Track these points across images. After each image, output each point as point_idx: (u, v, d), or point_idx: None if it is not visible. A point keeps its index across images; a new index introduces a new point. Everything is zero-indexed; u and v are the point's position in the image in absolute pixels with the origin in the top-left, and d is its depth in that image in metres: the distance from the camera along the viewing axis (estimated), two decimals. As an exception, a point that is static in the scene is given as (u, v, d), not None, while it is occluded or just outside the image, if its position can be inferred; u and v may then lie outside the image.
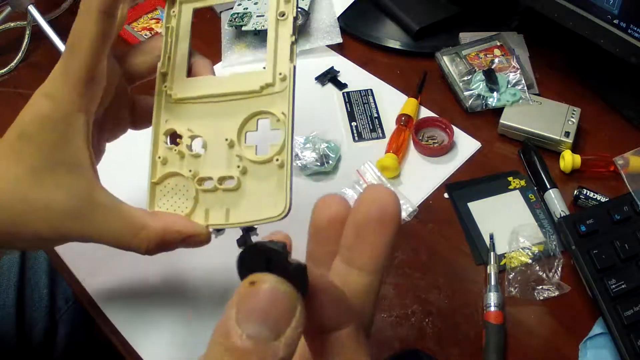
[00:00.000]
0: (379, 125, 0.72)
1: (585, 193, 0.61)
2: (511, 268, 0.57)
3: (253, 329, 0.19)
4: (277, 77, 0.35)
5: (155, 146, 0.39)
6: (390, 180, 0.66)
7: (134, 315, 0.58)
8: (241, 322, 0.19)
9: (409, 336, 0.55)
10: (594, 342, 0.53)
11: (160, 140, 0.39)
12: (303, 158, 0.67)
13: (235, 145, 0.36)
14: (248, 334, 0.19)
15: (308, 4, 0.81)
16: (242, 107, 0.36)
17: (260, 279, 0.20)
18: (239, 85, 0.36)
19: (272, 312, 0.19)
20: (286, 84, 0.35)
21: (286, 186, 0.33)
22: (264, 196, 0.36)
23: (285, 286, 0.20)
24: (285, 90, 0.34)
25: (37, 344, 0.64)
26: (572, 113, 0.68)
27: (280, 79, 0.35)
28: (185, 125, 0.38)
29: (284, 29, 0.35)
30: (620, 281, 0.51)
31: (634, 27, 0.61)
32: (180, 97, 0.39)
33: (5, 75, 0.84)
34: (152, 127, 0.39)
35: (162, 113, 0.39)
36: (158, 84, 0.40)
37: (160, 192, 0.39)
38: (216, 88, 0.38)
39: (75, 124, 0.36)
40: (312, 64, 0.80)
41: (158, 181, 0.39)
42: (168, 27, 0.40)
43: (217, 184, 0.37)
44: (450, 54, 0.75)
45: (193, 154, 0.38)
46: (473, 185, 0.65)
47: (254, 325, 0.19)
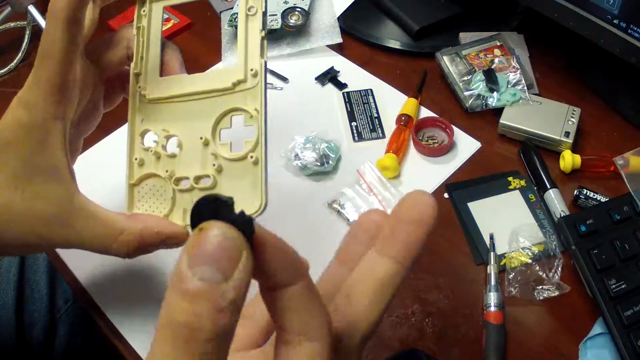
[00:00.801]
0: (379, 125, 0.72)
1: (585, 193, 0.61)
2: (511, 268, 0.57)
3: (203, 272, 0.20)
4: (248, 73, 0.35)
5: (131, 148, 0.39)
6: (390, 180, 0.66)
7: (134, 315, 0.57)
8: (192, 266, 0.20)
9: (409, 336, 0.55)
10: (594, 342, 0.53)
11: (136, 142, 0.39)
12: (303, 158, 0.67)
13: (210, 143, 0.37)
14: (199, 277, 0.20)
15: (308, 4, 0.81)
16: (215, 104, 0.36)
17: (208, 226, 0.21)
18: (212, 83, 0.36)
19: (220, 256, 0.20)
20: (258, 80, 0.34)
21: (261, 183, 0.33)
22: (240, 194, 0.36)
23: (231, 231, 0.21)
24: (257, 86, 0.34)
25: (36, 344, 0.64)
26: (572, 113, 0.68)
27: (252, 75, 0.35)
28: (160, 126, 0.38)
29: (253, 24, 0.35)
30: (620, 281, 0.51)
31: (634, 27, 0.61)
32: (155, 97, 0.38)
33: (5, 75, 0.84)
34: (128, 128, 0.39)
35: (137, 114, 0.39)
36: (132, 85, 0.40)
37: (139, 193, 0.39)
38: (190, 87, 0.37)
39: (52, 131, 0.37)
40: (312, 64, 0.80)
41: (136, 182, 0.39)
42: (139, 27, 0.40)
43: (193, 183, 0.38)
44: (450, 54, 0.75)
45: (169, 154, 0.38)
46: (473, 185, 0.65)
47: (204, 268, 0.20)
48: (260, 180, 0.33)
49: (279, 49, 0.81)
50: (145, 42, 0.39)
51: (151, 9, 0.40)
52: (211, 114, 0.36)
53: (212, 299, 0.20)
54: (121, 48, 0.41)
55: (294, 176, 0.67)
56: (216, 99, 0.36)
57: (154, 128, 0.38)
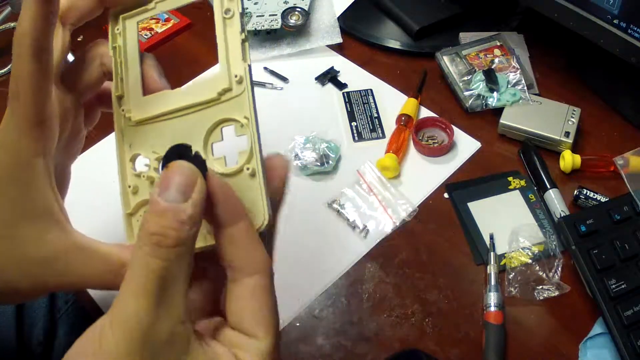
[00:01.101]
0: (379, 125, 0.72)
1: (585, 193, 0.61)
2: (511, 268, 0.57)
3: (168, 195, 0.27)
4: (233, 80, 0.33)
5: (123, 175, 0.36)
6: (390, 180, 0.66)
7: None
8: (160, 193, 0.27)
9: (409, 336, 0.55)
10: (594, 342, 0.53)
11: (127, 168, 0.36)
12: (303, 158, 0.67)
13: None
14: (165, 199, 0.27)
15: (308, 4, 0.81)
16: (203, 118, 0.33)
17: (172, 164, 0.28)
18: (197, 96, 0.34)
19: (180, 181, 0.28)
20: (244, 86, 0.33)
21: (261, 196, 0.31)
22: None
23: (188, 163, 0.28)
24: (244, 93, 0.33)
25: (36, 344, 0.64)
26: (572, 113, 0.68)
27: (237, 82, 0.33)
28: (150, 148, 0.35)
29: (232, 28, 0.33)
30: (620, 281, 0.51)
31: (634, 27, 0.61)
32: (140, 118, 0.36)
33: (5, 76, 0.84)
34: (117, 155, 0.37)
35: (124, 139, 0.36)
36: (115, 109, 0.37)
37: (137, 222, 0.36)
38: (175, 102, 0.35)
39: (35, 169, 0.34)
40: (312, 64, 0.80)
41: (132, 212, 0.36)
42: (115, 47, 0.37)
43: None
44: (450, 54, 0.75)
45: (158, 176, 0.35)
46: (473, 185, 0.65)
47: (169, 192, 0.27)
48: (260, 193, 0.31)
49: (279, 49, 0.81)
50: (123, 62, 0.37)
51: (125, 26, 0.37)
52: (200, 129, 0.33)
53: (175, 214, 0.27)
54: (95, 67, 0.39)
55: (294, 176, 0.67)
56: (203, 112, 0.33)
57: (143, 152, 0.36)
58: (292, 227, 0.63)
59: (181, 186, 0.28)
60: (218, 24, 0.33)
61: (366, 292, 0.58)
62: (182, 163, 0.28)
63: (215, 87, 0.33)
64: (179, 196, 0.27)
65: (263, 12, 0.81)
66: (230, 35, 0.33)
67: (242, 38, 0.32)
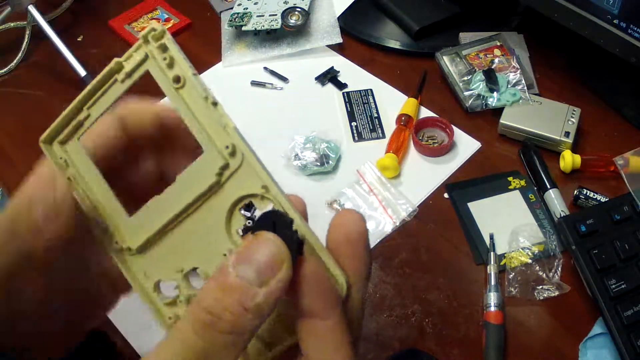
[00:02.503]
0: (379, 125, 0.72)
1: (585, 193, 0.61)
2: (511, 268, 0.57)
3: (243, 271, 0.22)
4: (225, 153, 0.26)
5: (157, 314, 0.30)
6: (390, 180, 0.66)
7: (134, 315, 0.57)
8: (236, 264, 0.23)
9: (409, 336, 0.55)
10: (594, 342, 0.53)
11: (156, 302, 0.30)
12: (303, 158, 0.67)
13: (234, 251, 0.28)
14: (237, 274, 0.22)
15: (308, 4, 0.81)
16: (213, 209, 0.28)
17: (261, 234, 0.24)
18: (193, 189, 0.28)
19: (262, 260, 0.23)
20: (240, 153, 0.26)
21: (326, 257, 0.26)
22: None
23: (278, 241, 0.23)
24: (245, 160, 0.26)
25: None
26: (572, 113, 0.68)
27: (230, 154, 0.26)
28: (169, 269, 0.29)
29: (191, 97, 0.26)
30: (620, 281, 0.51)
31: (634, 27, 0.61)
32: (141, 243, 0.30)
33: (5, 75, 0.84)
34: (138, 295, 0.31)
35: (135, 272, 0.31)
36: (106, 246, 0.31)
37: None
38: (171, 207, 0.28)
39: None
40: (312, 64, 0.80)
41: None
42: (69, 178, 0.30)
43: None
44: (450, 54, 0.75)
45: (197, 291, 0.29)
46: (473, 185, 0.65)
47: (245, 267, 0.23)
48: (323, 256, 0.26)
49: (279, 49, 0.81)
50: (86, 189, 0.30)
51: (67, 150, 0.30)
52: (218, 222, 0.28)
53: (242, 296, 0.22)
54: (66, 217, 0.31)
55: (294, 176, 0.67)
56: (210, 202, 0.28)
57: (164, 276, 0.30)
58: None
59: (262, 265, 0.23)
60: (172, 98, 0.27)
61: (366, 292, 0.58)
62: (269, 236, 0.23)
63: (210, 170, 0.27)
64: (255, 276, 0.22)
65: (263, 12, 0.81)
66: (193, 105, 0.26)
67: (212, 102, 0.26)
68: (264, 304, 0.22)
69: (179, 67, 0.26)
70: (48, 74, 0.83)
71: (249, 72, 0.79)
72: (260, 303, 0.22)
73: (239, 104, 0.75)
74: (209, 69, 0.81)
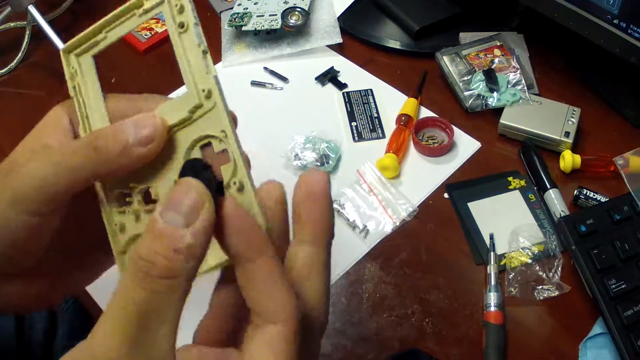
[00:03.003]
0: (379, 125, 0.72)
1: (585, 193, 0.61)
2: (511, 268, 0.57)
3: (169, 216, 0.23)
4: (201, 95, 0.30)
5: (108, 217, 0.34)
6: (390, 180, 0.66)
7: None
8: (163, 211, 0.23)
9: (409, 336, 0.55)
10: (594, 342, 0.53)
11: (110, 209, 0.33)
12: (303, 158, 0.67)
13: None
14: (165, 220, 0.23)
15: (308, 4, 0.81)
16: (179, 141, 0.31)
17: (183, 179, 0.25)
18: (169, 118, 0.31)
19: (185, 203, 0.24)
20: (214, 100, 0.30)
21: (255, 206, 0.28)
22: None
23: (199, 184, 0.24)
24: (216, 106, 0.30)
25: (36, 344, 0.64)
26: (572, 113, 0.68)
27: (206, 97, 0.30)
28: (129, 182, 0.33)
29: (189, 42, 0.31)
30: (620, 281, 0.51)
31: (634, 27, 0.61)
32: None
33: (5, 75, 0.84)
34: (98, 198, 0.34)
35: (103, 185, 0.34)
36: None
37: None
38: None
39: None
40: (312, 64, 0.80)
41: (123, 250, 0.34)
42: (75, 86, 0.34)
43: None
44: (450, 54, 0.75)
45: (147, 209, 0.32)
46: (473, 185, 0.65)
47: (170, 212, 0.23)
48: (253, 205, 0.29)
49: (279, 49, 0.81)
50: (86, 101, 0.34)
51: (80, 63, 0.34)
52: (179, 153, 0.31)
53: (171, 240, 0.23)
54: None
55: (294, 176, 0.67)
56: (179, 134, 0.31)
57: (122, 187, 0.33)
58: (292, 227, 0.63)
59: (185, 207, 0.23)
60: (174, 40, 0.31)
61: (366, 292, 0.58)
62: (190, 181, 0.25)
63: (186, 106, 0.31)
64: (181, 219, 0.23)
65: (263, 12, 0.81)
66: (189, 50, 0.31)
67: (202, 50, 0.30)
68: (194, 243, 0.23)
69: (186, 15, 0.31)
70: (48, 74, 0.83)
71: (249, 72, 0.79)
72: (190, 243, 0.23)
73: (239, 104, 0.75)
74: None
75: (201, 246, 0.23)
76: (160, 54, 0.84)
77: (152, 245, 0.23)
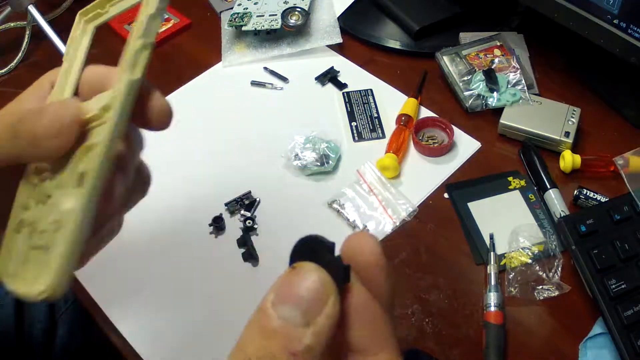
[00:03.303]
0: (379, 125, 0.72)
1: (585, 193, 0.61)
2: (511, 268, 0.57)
3: (285, 311, 0.20)
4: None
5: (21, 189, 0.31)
6: (390, 180, 0.66)
7: (134, 314, 0.58)
8: (276, 303, 0.20)
9: (409, 336, 0.55)
10: (594, 342, 0.53)
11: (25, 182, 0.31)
12: (303, 158, 0.67)
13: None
14: (280, 315, 0.20)
15: (308, 4, 0.81)
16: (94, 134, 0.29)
17: (301, 265, 0.21)
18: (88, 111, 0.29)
19: (305, 296, 0.20)
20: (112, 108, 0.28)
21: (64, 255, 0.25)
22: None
23: (322, 273, 0.20)
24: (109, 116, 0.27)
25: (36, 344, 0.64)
26: (572, 113, 0.68)
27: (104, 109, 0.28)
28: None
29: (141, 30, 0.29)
30: (620, 281, 0.51)
31: (634, 27, 0.61)
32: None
33: (5, 75, 0.84)
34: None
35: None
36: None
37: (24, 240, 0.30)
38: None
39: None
40: (312, 64, 0.80)
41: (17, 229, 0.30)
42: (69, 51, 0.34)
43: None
44: (450, 54, 0.75)
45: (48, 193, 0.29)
46: (473, 185, 0.65)
47: (287, 307, 0.20)
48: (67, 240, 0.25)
49: (279, 49, 0.81)
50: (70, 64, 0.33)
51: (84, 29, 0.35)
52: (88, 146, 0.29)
53: (287, 341, 0.19)
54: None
55: (294, 176, 0.67)
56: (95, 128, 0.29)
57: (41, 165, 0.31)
58: (292, 227, 0.63)
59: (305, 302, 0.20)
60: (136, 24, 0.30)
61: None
62: (312, 268, 0.21)
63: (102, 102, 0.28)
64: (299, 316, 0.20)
65: (263, 12, 0.81)
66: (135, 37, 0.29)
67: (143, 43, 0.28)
68: (314, 345, 0.20)
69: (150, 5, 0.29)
70: (48, 74, 0.83)
71: (249, 72, 0.79)
72: (310, 344, 0.20)
73: (239, 104, 0.75)
74: (209, 69, 0.81)
75: (323, 346, 0.20)
76: (160, 54, 0.84)
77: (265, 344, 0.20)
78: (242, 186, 0.66)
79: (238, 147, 0.71)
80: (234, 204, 0.65)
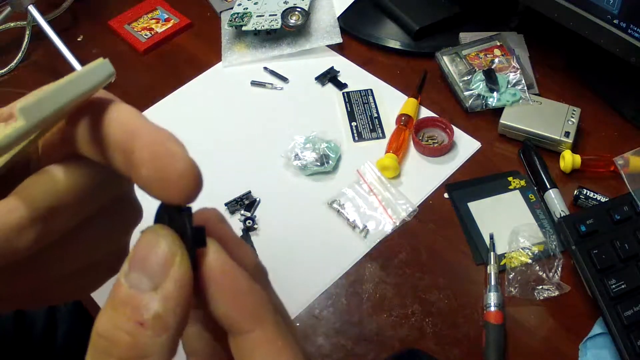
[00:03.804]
0: (379, 125, 0.72)
1: (585, 193, 0.61)
2: (511, 268, 0.57)
3: (134, 279, 0.18)
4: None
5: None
6: (390, 180, 0.66)
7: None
8: (127, 272, 0.18)
9: (409, 336, 0.55)
10: (594, 342, 0.53)
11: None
12: (303, 158, 0.67)
13: None
14: (130, 284, 0.18)
15: (308, 4, 0.81)
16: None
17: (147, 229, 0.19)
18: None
19: (152, 260, 0.18)
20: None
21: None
22: None
23: (168, 234, 0.19)
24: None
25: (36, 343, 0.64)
26: (572, 113, 0.68)
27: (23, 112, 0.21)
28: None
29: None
30: (620, 281, 0.51)
31: (634, 27, 0.61)
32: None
33: (5, 75, 0.84)
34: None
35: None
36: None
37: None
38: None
39: None
40: (312, 64, 0.80)
41: None
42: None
43: None
44: (450, 54, 0.75)
45: None
46: (473, 185, 0.65)
47: (135, 274, 0.18)
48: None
49: (279, 49, 0.81)
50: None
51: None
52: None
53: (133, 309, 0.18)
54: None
55: (294, 176, 0.67)
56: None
57: None
58: (293, 227, 0.63)
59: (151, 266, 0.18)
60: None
61: (366, 292, 0.58)
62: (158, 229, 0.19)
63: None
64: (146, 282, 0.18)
65: (263, 12, 0.81)
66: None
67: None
68: (163, 313, 0.18)
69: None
70: (48, 74, 0.83)
71: (249, 72, 0.79)
72: (158, 311, 0.17)
73: (239, 104, 0.75)
74: (209, 69, 0.81)
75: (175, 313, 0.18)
76: (160, 54, 0.84)
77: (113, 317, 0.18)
78: (242, 186, 0.66)
79: (238, 147, 0.71)
80: (234, 203, 0.65)
